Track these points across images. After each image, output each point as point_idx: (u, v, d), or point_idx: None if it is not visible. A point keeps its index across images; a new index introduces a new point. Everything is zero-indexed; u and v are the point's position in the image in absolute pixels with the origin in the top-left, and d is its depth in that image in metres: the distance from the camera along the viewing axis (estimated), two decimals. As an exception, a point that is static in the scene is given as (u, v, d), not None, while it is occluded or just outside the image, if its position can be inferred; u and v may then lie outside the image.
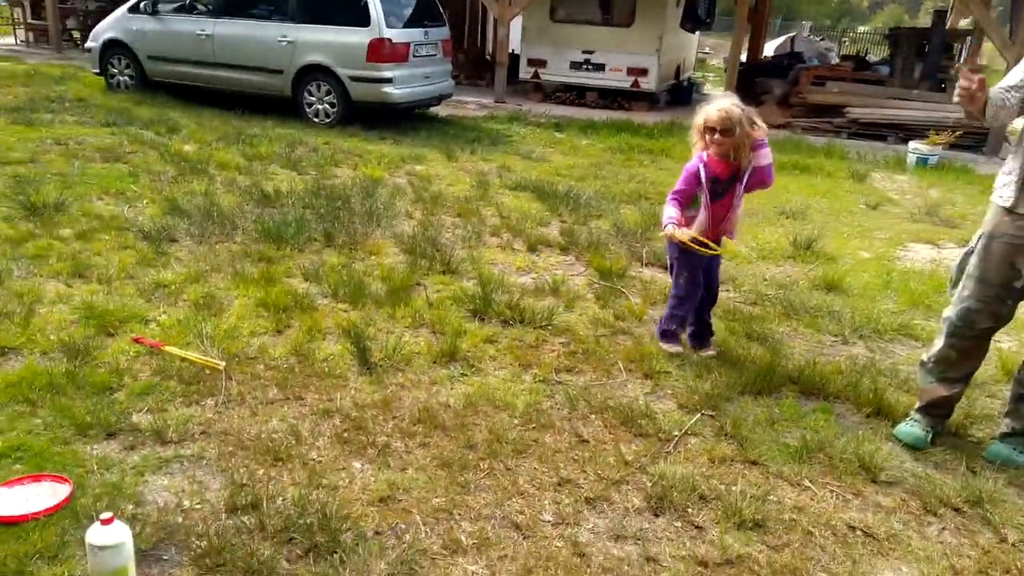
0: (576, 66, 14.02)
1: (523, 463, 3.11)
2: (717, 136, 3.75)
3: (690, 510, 2.89)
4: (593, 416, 3.51)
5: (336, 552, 2.52)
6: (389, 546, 2.59)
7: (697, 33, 17.25)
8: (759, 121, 3.79)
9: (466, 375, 3.83)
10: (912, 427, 3.48)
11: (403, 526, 2.69)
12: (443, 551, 2.59)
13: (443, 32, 11.15)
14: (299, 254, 5.41)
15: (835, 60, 18.89)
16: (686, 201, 3.95)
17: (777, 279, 5.61)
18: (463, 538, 2.65)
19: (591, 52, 13.83)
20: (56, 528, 2.54)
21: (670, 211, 3.91)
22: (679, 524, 2.83)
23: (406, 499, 2.83)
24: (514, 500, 2.88)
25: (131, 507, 2.68)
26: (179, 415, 3.27)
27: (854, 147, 11.31)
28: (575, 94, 14.20)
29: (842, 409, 3.74)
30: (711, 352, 4.19)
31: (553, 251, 6.04)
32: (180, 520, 2.65)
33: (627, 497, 2.94)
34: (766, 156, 3.81)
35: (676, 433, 3.39)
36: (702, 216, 3.91)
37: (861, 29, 38.10)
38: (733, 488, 3.04)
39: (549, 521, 2.78)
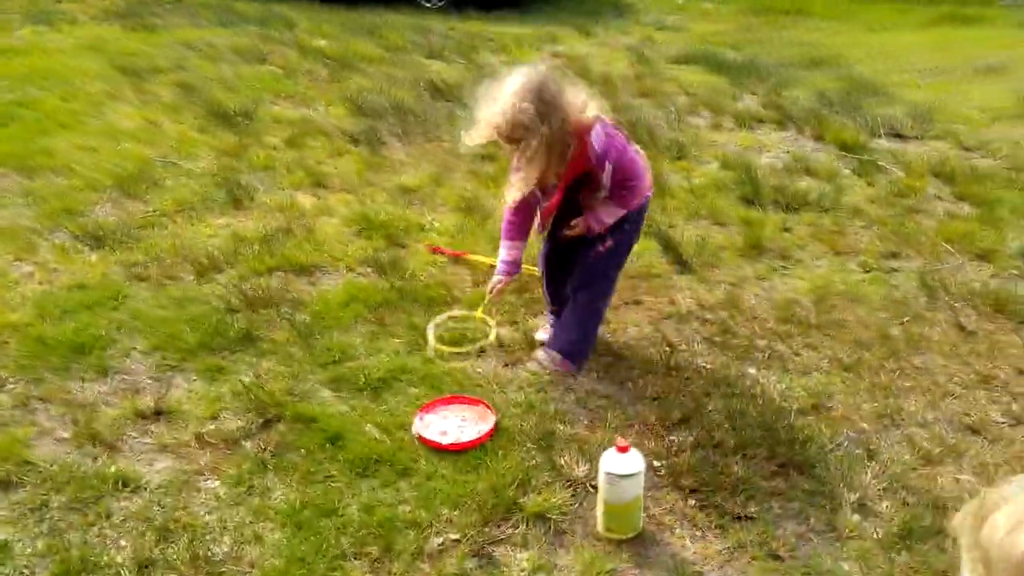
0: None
1: (926, 360, 2.88)
2: (506, 146, 2.53)
3: None
4: (958, 304, 3.24)
5: (814, 466, 2.35)
6: (857, 456, 2.40)
7: None
8: (579, 98, 2.46)
9: (787, 268, 3.57)
10: None
11: (853, 434, 2.50)
12: (918, 461, 2.40)
13: None
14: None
15: None
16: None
17: (1034, 142, 5.14)
18: (926, 445, 2.45)
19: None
20: (509, 453, 2.40)
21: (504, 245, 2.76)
22: None
23: (835, 406, 2.64)
24: (948, 401, 2.67)
25: (560, 427, 2.53)
26: (531, 325, 3.08)
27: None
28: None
29: None
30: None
31: (768, 127, 5.63)
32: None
33: (1068, 391, 2.71)
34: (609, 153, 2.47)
35: (1062, 317, 3.12)
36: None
37: None
38: None
39: (1003, 422, 2.57)
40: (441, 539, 2.12)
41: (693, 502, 2.25)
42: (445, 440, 2.45)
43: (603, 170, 2.49)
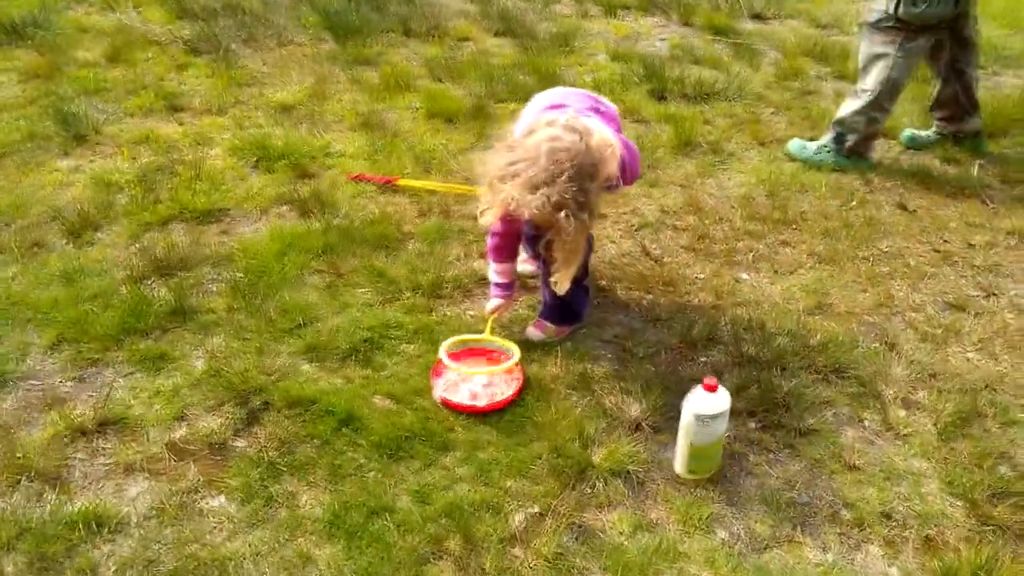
0: None
1: (890, 243, 2.97)
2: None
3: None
4: (890, 184, 3.37)
5: (849, 367, 2.35)
6: (879, 351, 2.43)
7: None
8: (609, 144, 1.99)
9: (724, 162, 3.52)
10: None
11: (864, 328, 2.53)
12: (922, 342, 2.47)
13: None
14: (391, 49, 4.58)
15: None
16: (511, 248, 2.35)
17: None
18: (927, 328, 2.54)
19: None
20: (551, 404, 2.16)
21: (494, 269, 2.36)
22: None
23: (835, 302, 2.64)
24: (925, 282, 2.77)
25: (589, 365, 2.32)
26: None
27: None
28: None
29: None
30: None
31: (635, 12, 5.49)
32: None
33: (1017, 260, 2.90)
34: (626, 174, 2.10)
35: (976, 186, 3.34)
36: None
37: None
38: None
39: (977, 295, 2.72)
40: (522, 516, 1.88)
41: (754, 425, 2.17)
42: (480, 402, 2.16)
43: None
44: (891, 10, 3.15)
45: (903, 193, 3.30)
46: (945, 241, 2.99)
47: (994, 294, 2.72)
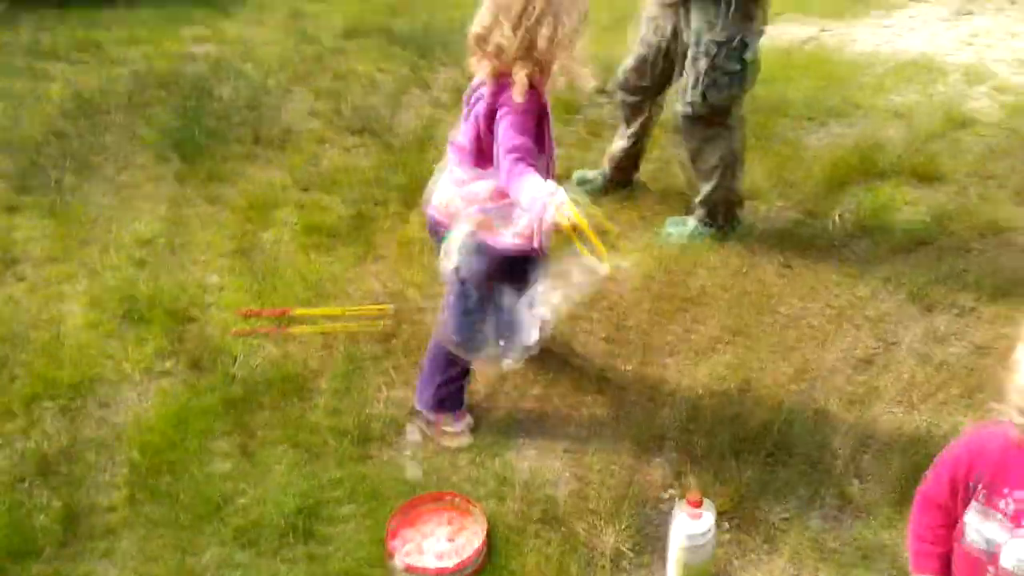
0: None
1: (788, 307, 3.07)
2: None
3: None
4: (767, 246, 3.50)
5: (793, 444, 2.37)
6: (813, 422, 2.48)
7: None
8: None
9: (612, 241, 3.55)
10: None
11: (795, 400, 2.58)
12: (849, 404, 2.56)
13: None
14: (245, 161, 4.32)
15: None
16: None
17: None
18: (849, 389, 2.64)
19: None
20: (524, 544, 2.01)
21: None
22: (950, 314, 3.04)
23: (760, 376, 2.69)
24: (831, 341, 2.88)
25: (548, 490, 2.20)
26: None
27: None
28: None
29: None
30: None
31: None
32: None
33: (901, 306, 3.07)
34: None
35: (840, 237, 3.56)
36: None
37: None
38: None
39: (878, 346, 2.86)
40: None
41: (727, 524, 2.13)
42: (448, 562, 1.98)
43: None
44: (700, 100, 3.30)
45: (782, 253, 3.46)
46: (835, 296, 3.16)
47: (893, 343, 2.88)
